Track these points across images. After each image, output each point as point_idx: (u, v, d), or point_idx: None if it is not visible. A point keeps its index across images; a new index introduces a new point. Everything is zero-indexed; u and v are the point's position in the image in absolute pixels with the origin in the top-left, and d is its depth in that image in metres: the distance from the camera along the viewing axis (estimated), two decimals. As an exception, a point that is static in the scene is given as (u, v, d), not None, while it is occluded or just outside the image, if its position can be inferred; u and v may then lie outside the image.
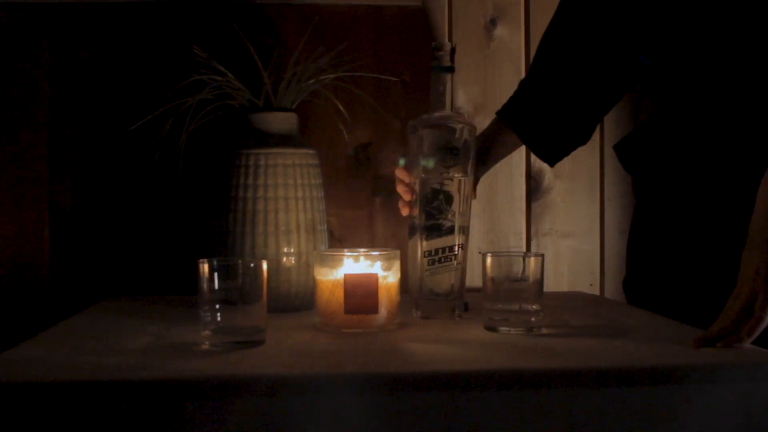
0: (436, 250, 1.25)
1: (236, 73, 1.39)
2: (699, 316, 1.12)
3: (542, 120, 1.39)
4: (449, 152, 1.24)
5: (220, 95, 1.39)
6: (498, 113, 1.44)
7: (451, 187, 1.25)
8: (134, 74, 1.62)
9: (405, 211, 1.30)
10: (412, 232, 1.28)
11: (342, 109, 1.48)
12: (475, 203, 1.69)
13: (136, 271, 1.63)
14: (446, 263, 1.26)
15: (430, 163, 1.25)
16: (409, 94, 1.68)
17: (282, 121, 1.38)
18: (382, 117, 1.66)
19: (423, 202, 1.26)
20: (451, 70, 1.27)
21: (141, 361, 0.96)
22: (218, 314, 1.03)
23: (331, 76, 1.43)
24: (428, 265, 1.25)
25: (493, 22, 1.70)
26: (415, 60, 1.69)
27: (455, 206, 1.25)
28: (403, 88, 1.68)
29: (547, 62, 1.40)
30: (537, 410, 0.88)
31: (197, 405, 0.84)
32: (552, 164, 1.44)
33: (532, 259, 1.14)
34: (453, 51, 1.27)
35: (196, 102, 1.37)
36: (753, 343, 0.99)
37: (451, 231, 1.26)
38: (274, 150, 1.34)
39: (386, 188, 1.68)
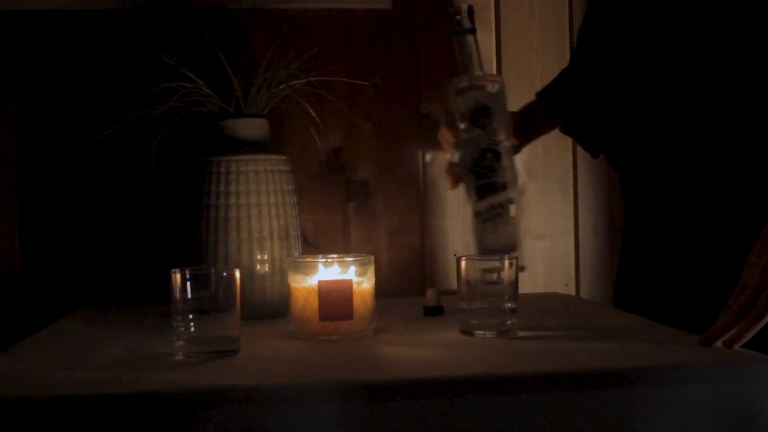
0: (493, 206, 1.25)
1: (206, 80, 1.38)
2: (688, 312, 1.13)
3: (586, 109, 1.38)
4: (482, 112, 1.25)
5: (190, 102, 1.38)
6: (540, 96, 1.44)
7: (497, 145, 1.25)
8: (103, 83, 1.61)
9: (451, 184, 1.31)
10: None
11: (313, 114, 1.47)
12: (448, 206, 1.70)
13: (108, 281, 1.61)
14: (501, 219, 1.25)
15: (467, 125, 1.25)
16: (380, 98, 1.68)
17: (253, 127, 1.37)
18: (353, 121, 1.66)
19: (471, 163, 1.25)
20: (472, 31, 1.27)
21: (114, 375, 0.94)
22: (192, 324, 1.02)
23: (301, 81, 1.42)
24: (482, 223, 1.25)
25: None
26: (387, 63, 1.68)
27: (504, 162, 1.25)
28: (374, 91, 1.68)
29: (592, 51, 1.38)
30: (515, 415, 0.87)
31: (172, 417, 0.83)
32: (595, 156, 1.44)
33: (507, 261, 1.14)
34: (471, 11, 1.26)
35: (166, 110, 1.36)
36: (748, 344, 0.99)
37: (504, 187, 1.25)
38: (246, 156, 1.33)
39: (360, 193, 1.68)
